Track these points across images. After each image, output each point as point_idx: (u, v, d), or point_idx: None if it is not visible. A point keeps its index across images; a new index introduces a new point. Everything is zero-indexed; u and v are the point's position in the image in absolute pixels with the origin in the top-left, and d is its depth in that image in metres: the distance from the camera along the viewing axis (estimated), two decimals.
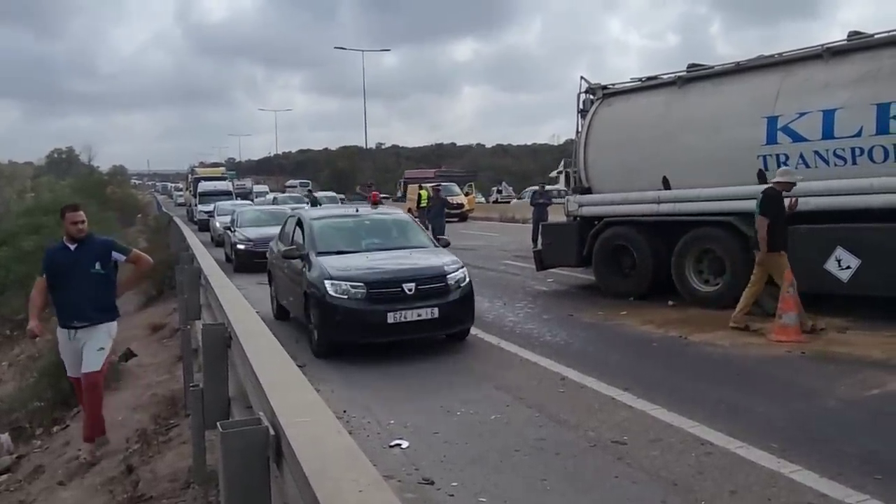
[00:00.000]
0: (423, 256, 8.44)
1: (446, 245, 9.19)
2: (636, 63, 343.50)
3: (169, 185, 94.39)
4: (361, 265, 7.93)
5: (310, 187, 58.99)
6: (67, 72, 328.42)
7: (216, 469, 4.58)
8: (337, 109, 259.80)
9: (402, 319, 7.42)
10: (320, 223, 9.12)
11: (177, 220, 21.83)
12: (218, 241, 21.45)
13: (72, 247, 5.87)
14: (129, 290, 6.68)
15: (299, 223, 9.35)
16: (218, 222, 22.61)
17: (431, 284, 7.69)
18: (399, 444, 5.13)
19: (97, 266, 5.84)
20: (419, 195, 26.65)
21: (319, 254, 8.21)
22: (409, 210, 23.07)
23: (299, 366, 7.13)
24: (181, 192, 61.03)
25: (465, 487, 4.37)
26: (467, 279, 8.08)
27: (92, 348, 5.79)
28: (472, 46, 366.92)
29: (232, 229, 17.43)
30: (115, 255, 6.01)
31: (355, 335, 7.60)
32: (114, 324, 6.03)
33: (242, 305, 4.59)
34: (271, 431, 2.26)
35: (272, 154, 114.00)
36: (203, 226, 29.31)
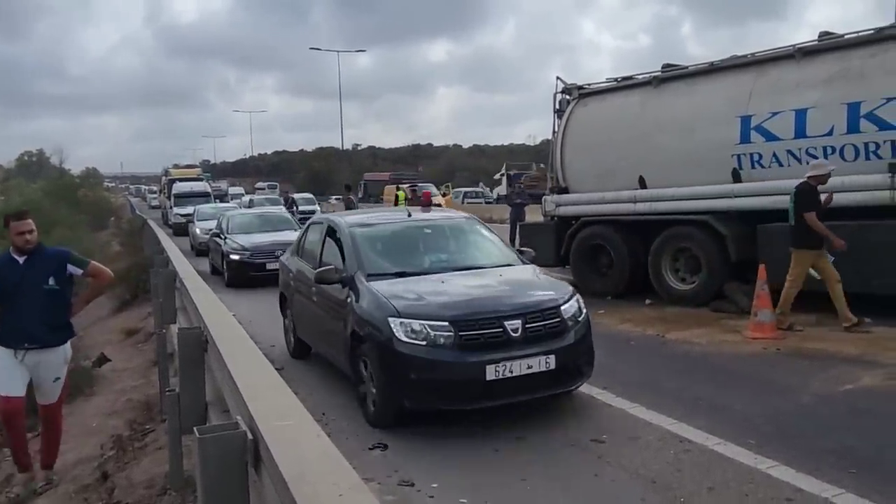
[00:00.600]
0: (519, 280, 6.23)
1: (533, 259, 6.99)
2: (609, 63, 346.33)
3: (143, 187, 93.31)
4: (437, 295, 5.63)
5: (277, 188, 58.97)
6: (36, 74, 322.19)
7: (193, 474, 4.53)
8: (311, 111, 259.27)
9: (507, 374, 5.15)
10: (364, 232, 6.69)
11: (151, 222, 21.59)
12: (200, 250, 19.46)
13: (20, 260, 5.19)
14: (85, 306, 5.93)
15: (331, 232, 7.01)
16: (199, 228, 20.77)
17: (543, 321, 5.46)
18: (379, 447, 5.10)
19: (50, 282, 5.19)
20: (396, 196, 26.76)
21: (370, 277, 5.95)
22: None
23: (277, 369, 7.08)
24: (155, 195, 60.29)
25: (445, 488, 4.36)
26: (584, 311, 5.91)
27: (47, 379, 5.32)
28: (446, 47, 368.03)
29: (222, 236, 15.30)
30: (70, 268, 5.33)
31: (439, 399, 5.28)
32: (69, 345, 5.46)
33: (218, 309, 4.55)
34: (249, 436, 2.24)
35: (247, 156, 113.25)
36: (179, 230, 27.31)
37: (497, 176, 34.69)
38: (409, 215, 7.38)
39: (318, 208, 32.45)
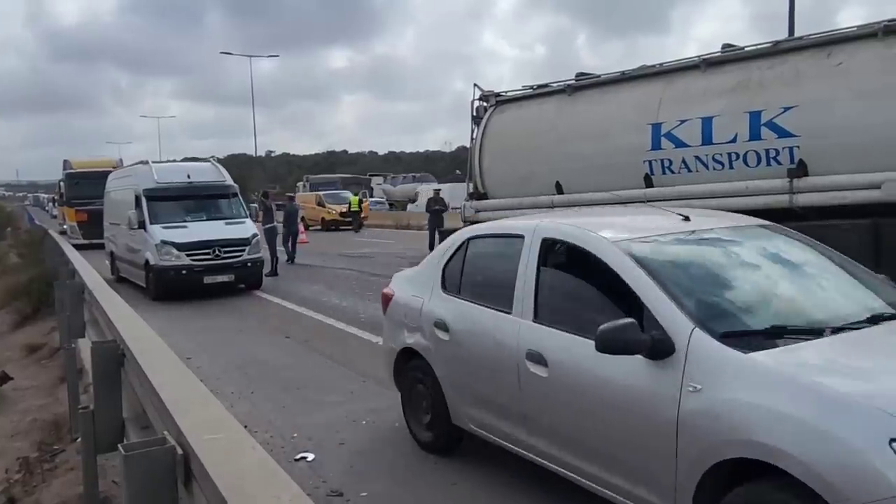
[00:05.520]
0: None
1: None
2: (510, 72, 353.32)
3: (42, 195, 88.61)
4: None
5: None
6: None
7: (109, 496, 4.33)
8: (214, 117, 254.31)
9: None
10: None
11: (52, 233, 20.49)
12: None
13: None
14: None
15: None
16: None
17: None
18: (305, 458, 5.02)
19: None
20: (350, 201, 32.61)
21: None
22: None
23: None
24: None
25: (375, 497, 4.33)
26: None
27: None
28: (346, 55, 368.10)
29: None
30: None
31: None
32: None
33: (135, 321, 4.37)
34: (179, 451, 2.16)
35: None
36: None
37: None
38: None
39: None
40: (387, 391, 6.52)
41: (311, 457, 5.01)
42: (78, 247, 16.03)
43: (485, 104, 12.03)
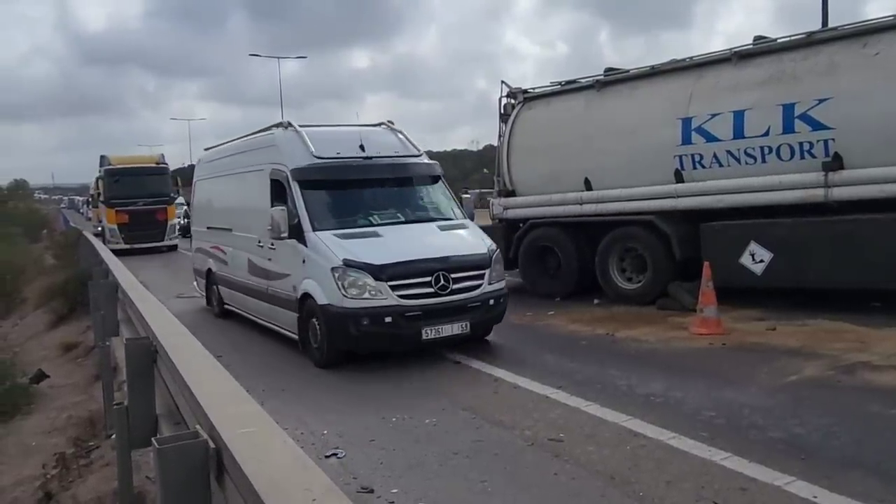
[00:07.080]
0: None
1: None
2: (532, 70, 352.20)
3: (77, 198, 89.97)
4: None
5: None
6: None
7: (143, 491, 4.38)
8: (240, 118, 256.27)
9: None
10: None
11: (87, 234, 20.83)
12: None
13: None
14: None
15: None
16: None
17: None
18: (335, 454, 5.02)
19: None
20: None
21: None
22: None
23: None
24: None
25: (406, 494, 4.31)
26: None
27: None
28: (368, 55, 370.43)
29: None
30: None
31: None
32: None
33: (167, 318, 4.40)
34: (211, 445, 2.16)
35: (186, 165, 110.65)
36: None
37: None
38: None
39: None
40: (415, 387, 6.54)
41: (341, 453, 5.02)
42: (119, 253, 13.53)
43: (512, 101, 11.98)
